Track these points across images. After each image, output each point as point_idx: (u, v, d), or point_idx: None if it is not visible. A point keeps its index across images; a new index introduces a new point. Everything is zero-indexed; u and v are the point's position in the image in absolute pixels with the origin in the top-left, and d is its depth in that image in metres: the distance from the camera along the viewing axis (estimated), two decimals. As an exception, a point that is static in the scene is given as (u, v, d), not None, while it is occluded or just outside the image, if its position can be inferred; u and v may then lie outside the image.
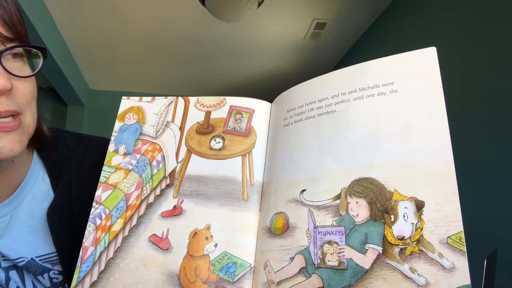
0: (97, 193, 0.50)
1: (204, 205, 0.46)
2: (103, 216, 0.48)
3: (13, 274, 0.54)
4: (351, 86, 0.42)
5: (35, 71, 0.46)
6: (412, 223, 0.35)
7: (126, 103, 0.55)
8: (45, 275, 0.55)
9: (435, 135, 0.37)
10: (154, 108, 0.54)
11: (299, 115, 0.46)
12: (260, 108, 0.51)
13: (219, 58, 3.15)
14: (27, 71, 0.46)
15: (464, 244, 0.33)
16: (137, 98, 0.55)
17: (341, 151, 0.41)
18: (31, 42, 0.47)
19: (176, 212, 0.47)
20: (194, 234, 0.45)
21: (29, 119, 0.46)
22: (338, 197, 0.39)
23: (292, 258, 0.40)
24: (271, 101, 0.53)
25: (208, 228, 0.45)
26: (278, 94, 0.51)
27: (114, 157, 0.52)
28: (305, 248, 0.40)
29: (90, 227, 0.48)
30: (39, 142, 0.56)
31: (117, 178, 0.50)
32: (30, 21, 2.09)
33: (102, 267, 0.45)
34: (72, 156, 0.58)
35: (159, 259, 0.45)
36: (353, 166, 0.39)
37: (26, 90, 0.45)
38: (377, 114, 0.40)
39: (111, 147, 0.53)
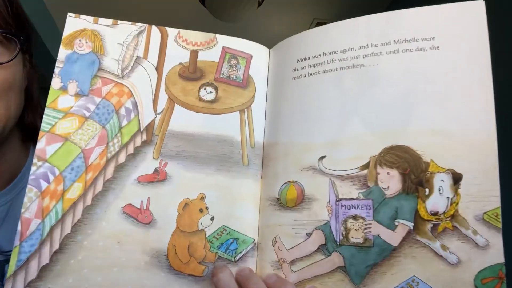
0: (39, 145, 0.36)
1: (196, 170, 0.38)
2: (51, 177, 0.35)
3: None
4: (383, 37, 0.37)
5: (6, 61, 0.41)
6: (448, 197, 0.33)
7: (74, 22, 0.40)
8: None
9: (478, 101, 0.34)
10: (118, 36, 0.40)
11: (315, 66, 0.39)
12: (258, 53, 0.43)
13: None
14: (5, 59, 0.41)
15: (500, 220, 0.32)
16: (91, 18, 0.41)
17: (369, 112, 0.36)
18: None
19: (158, 177, 0.37)
20: (185, 205, 0.37)
21: (0, 109, 0.42)
22: (366, 166, 0.35)
23: (309, 234, 0.36)
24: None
25: (202, 198, 0.37)
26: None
27: (62, 98, 0.38)
28: (325, 223, 0.35)
29: (31, 193, 0.35)
30: (34, 136, 0.48)
31: (68, 127, 0.37)
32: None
33: (57, 246, 0.34)
34: None
35: (138, 235, 0.35)
36: (384, 131, 0.35)
37: None
38: (414, 73, 0.36)
39: (56, 83, 0.38)
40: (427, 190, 0.34)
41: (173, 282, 0.35)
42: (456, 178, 0.33)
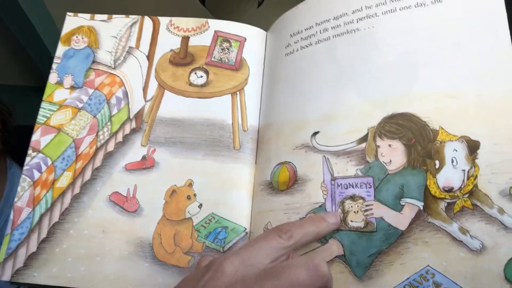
0: (34, 137, 0.37)
1: (184, 156, 0.36)
2: (44, 167, 0.36)
3: None
4: None
5: None
6: (463, 170, 0.28)
7: (72, 21, 0.42)
8: None
9: (493, 55, 0.29)
10: (112, 29, 0.41)
11: (307, 38, 0.36)
12: (253, 36, 0.40)
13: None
14: None
15: (534, 197, 0.26)
16: (88, 15, 0.42)
17: (366, 79, 0.32)
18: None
19: (146, 164, 0.36)
20: (172, 192, 0.35)
21: None
22: (364, 139, 0.31)
23: (302, 219, 0.31)
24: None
25: (190, 184, 0.35)
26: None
27: (57, 91, 0.39)
28: (320, 206, 0.31)
29: (24, 182, 0.35)
30: (7, 147, 0.47)
31: (61, 119, 0.38)
32: (29, 20, 1.83)
33: (44, 235, 0.34)
34: None
35: (124, 224, 0.34)
36: (383, 99, 0.31)
37: None
38: (414, 31, 0.31)
39: (53, 78, 0.39)
40: (437, 162, 0.28)
41: (156, 273, 0.32)
42: (472, 147, 0.28)
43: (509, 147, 0.27)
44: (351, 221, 0.30)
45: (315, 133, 0.33)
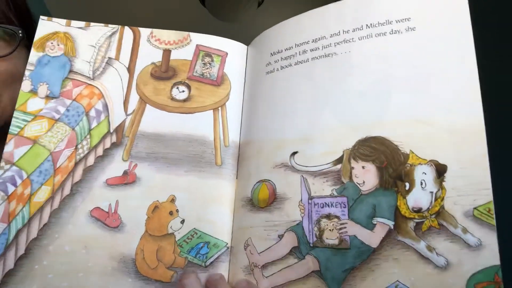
0: (7, 148, 0.36)
1: (166, 171, 0.36)
2: (19, 181, 0.35)
3: None
4: (356, 22, 0.35)
5: (6, 53, 0.42)
6: (431, 192, 0.30)
7: (46, 25, 0.40)
8: None
9: (461, 85, 0.31)
10: (90, 37, 0.40)
11: (287, 59, 0.37)
12: (234, 50, 0.41)
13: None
14: (6, 52, 0.42)
15: (494, 216, 0.29)
16: (63, 21, 0.40)
17: (342, 103, 0.34)
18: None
19: (127, 179, 0.36)
20: (155, 208, 0.35)
21: (5, 101, 0.42)
22: (339, 161, 0.33)
23: (280, 236, 0.33)
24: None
25: (173, 200, 0.35)
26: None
27: (31, 100, 0.37)
28: (298, 224, 0.33)
29: (-2, 197, 0.34)
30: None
31: (37, 130, 0.37)
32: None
33: (22, 251, 0.33)
34: None
35: (106, 239, 0.34)
36: (358, 123, 0.33)
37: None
38: (389, 58, 0.33)
39: (26, 86, 0.38)
40: (407, 184, 0.31)
41: (140, 288, 0.33)
42: (440, 170, 0.30)
43: (473, 171, 0.30)
44: (327, 238, 0.32)
45: (294, 153, 0.34)
